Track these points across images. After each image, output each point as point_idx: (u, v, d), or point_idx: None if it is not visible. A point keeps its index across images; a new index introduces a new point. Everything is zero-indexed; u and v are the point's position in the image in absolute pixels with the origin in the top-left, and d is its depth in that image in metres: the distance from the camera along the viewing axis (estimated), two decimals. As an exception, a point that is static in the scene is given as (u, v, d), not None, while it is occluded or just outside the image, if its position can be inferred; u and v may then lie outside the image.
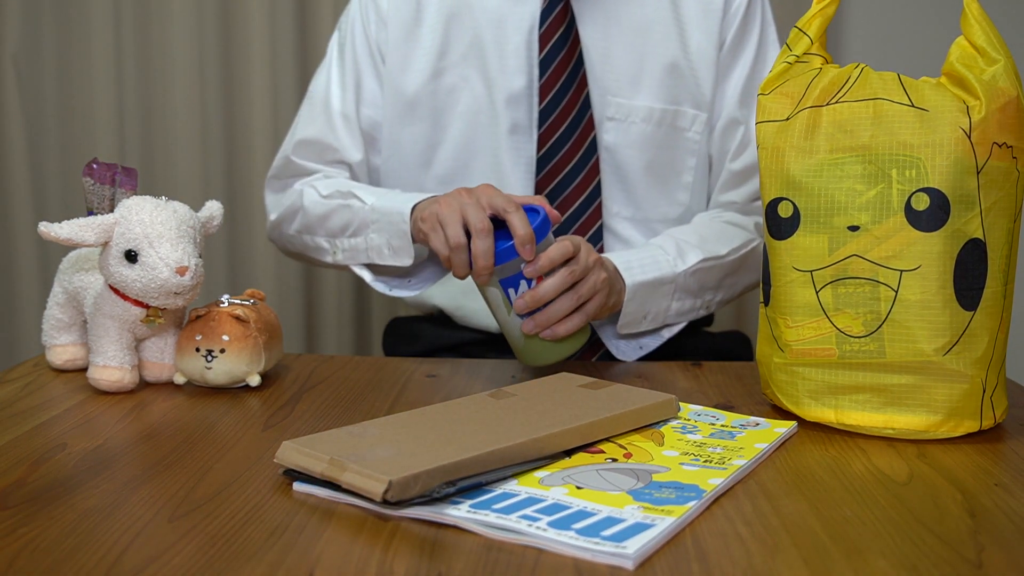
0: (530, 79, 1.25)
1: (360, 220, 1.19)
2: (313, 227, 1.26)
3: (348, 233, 1.21)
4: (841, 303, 0.86)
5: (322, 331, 2.03)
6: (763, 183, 0.91)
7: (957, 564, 0.61)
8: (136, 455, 0.80)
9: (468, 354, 1.33)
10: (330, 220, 1.23)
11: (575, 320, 1.03)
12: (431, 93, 1.28)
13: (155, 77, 1.93)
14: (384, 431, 0.78)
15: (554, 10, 1.24)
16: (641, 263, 1.15)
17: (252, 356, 0.98)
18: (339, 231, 1.23)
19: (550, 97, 1.24)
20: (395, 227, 1.14)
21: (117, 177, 0.98)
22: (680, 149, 1.30)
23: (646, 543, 0.62)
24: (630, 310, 1.15)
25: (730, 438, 0.84)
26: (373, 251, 1.18)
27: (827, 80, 0.88)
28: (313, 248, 1.28)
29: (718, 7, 1.28)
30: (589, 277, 1.04)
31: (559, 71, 1.23)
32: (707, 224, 1.27)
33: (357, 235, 1.20)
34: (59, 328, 1.05)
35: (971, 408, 0.84)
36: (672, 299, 1.18)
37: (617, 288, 1.12)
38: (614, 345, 1.20)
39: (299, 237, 1.30)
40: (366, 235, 1.18)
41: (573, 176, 1.25)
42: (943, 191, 0.81)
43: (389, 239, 1.15)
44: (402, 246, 1.14)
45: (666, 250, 1.18)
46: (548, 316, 1.02)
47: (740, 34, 1.29)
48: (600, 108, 1.26)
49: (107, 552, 0.62)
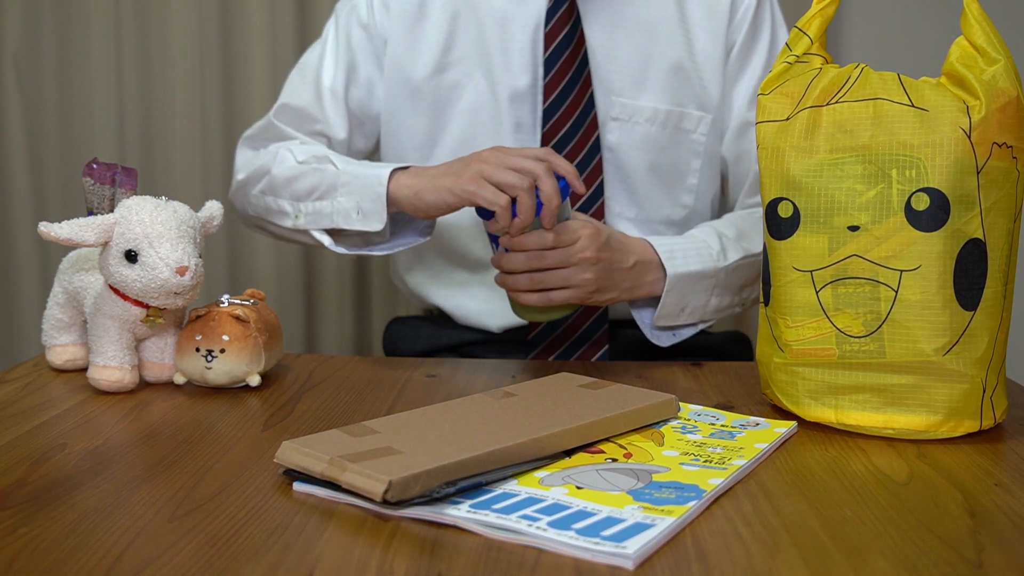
0: (534, 77, 1.25)
1: (329, 183, 1.17)
2: (278, 188, 1.23)
3: (314, 196, 1.19)
4: (841, 303, 0.86)
5: (322, 331, 2.02)
6: (763, 183, 0.91)
7: (957, 564, 0.61)
8: (136, 455, 0.80)
9: (468, 354, 1.33)
10: (298, 182, 1.20)
11: (534, 298, 1.07)
12: (433, 88, 1.28)
13: (155, 77, 1.93)
14: (384, 431, 0.78)
15: (559, 9, 1.24)
16: (685, 253, 1.15)
17: (252, 356, 0.98)
18: (305, 195, 1.20)
19: (554, 96, 1.23)
20: (369, 190, 1.12)
21: (117, 177, 0.98)
22: (684, 151, 1.29)
23: (646, 543, 0.62)
24: (669, 301, 1.14)
25: (730, 438, 0.84)
26: (339, 215, 1.16)
27: (827, 80, 0.88)
28: (275, 211, 1.24)
29: (724, 10, 1.28)
30: (564, 271, 1.05)
31: (564, 70, 1.23)
32: (744, 219, 1.27)
33: (324, 198, 1.18)
34: (59, 328, 1.05)
35: (971, 408, 0.84)
36: (711, 294, 1.18)
37: (648, 279, 1.12)
38: (649, 332, 1.20)
39: (262, 198, 1.26)
40: (333, 199, 1.16)
41: None
42: (943, 191, 0.81)
43: (359, 202, 1.13)
44: (373, 210, 1.12)
45: (710, 244, 1.18)
46: (505, 281, 1.08)
47: (750, 38, 1.29)
48: (604, 108, 1.26)
49: (107, 552, 0.62)
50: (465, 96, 1.27)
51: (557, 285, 1.06)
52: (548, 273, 1.06)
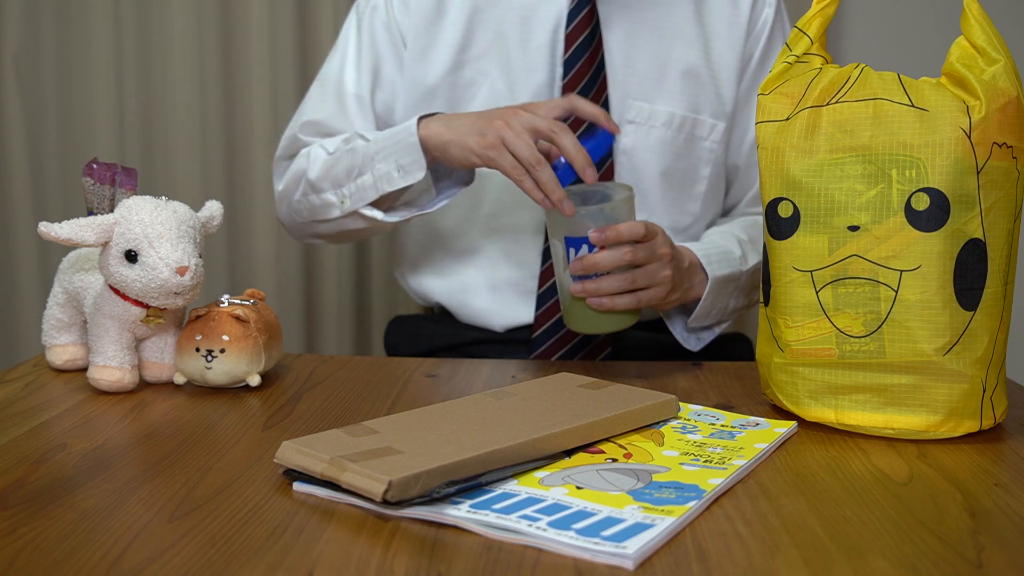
0: (552, 77, 1.26)
1: (363, 157, 1.18)
2: (318, 184, 1.24)
3: (354, 175, 1.20)
4: (841, 303, 0.86)
5: (322, 331, 2.02)
6: (763, 183, 0.91)
7: (957, 564, 0.61)
8: (136, 455, 0.80)
9: (469, 354, 1.33)
10: (335, 169, 1.21)
11: (625, 300, 1.03)
12: (450, 86, 1.28)
13: (155, 77, 1.93)
14: (384, 431, 0.78)
15: (582, 11, 1.24)
16: (718, 258, 1.16)
17: (252, 356, 0.98)
18: (345, 177, 1.21)
19: None
20: (402, 143, 1.13)
21: (117, 177, 0.98)
22: (696, 158, 1.30)
23: (646, 543, 0.62)
24: (707, 304, 1.15)
25: (730, 438, 0.84)
26: (382, 180, 1.16)
27: (827, 80, 0.88)
28: (320, 207, 1.25)
29: (743, 22, 1.29)
30: (652, 267, 1.04)
31: (582, 71, 1.24)
32: (752, 226, 1.29)
33: (363, 173, 1.18)
34: (59, 328, 1.05)
35: (971, 408, 0.84)
36: (732, 296, 1.20)
37: (695, 281, 1.13)
38: (682, 336, 1.20)
39: (305, 200, 1.27)
40: (372, 168, 1.17)
41: None
42: (943, 191, 0.81)
43: (398, 160, 1.14)
44: (413, 160, 1.13)
45: (732, 248, 1.20)
46: (596, 286, 1.02)
47: (766, 51, 1.31)
48: (619, 111, 1.26)
49: (107, 552, 0.62)
50: (480, 94, 1.27)
51: (646, 284, 1.03)
52: (639, 271, 1.03)
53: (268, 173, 1.94)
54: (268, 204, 1.95)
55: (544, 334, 1.26)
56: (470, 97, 1.27)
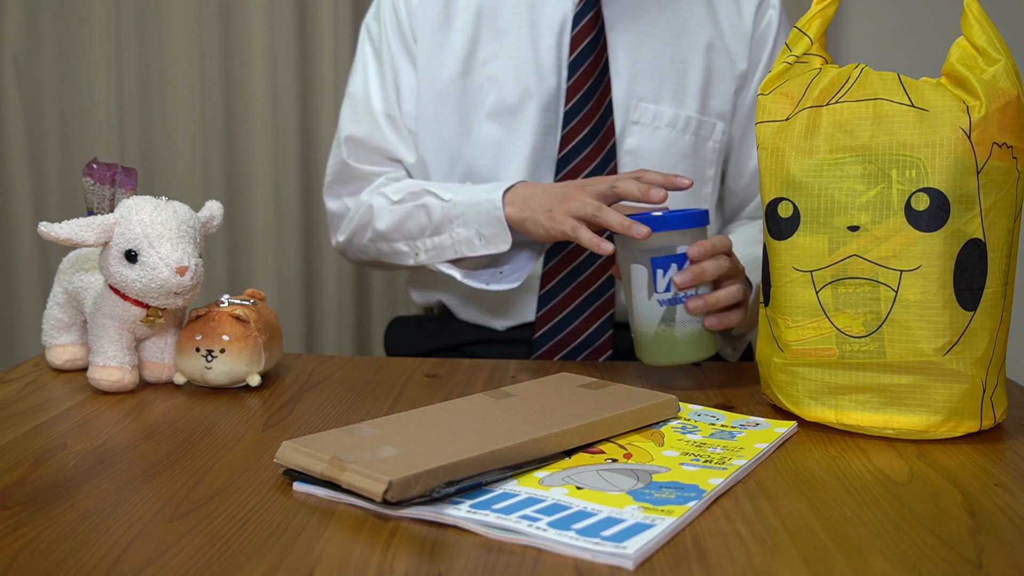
0: (558, 80, 1.26)
1: (440, 217, 1.18)
2: (388, 235, 1.25)
3: (428, 233, 1.20)
4: (841, 303, 0.86)
5: (322, 331, 2.03)
6: (763, 183, 0.91)
7: (957, 564, 0.61)
8: (136, 455, 0.80)
9: (469, 354, 1.33)
10: (406, 224, 1.23)
11: (733, 317, 1.01)
12: (460, 91, 1.28)
13: (155, 77, 1.93)
14: (384, 431, 0.78)
15: (587, 14, 1.24)
16: (748, 266, 1.15)
17: (252, 356, 0.98)
18: (418, 233, 1.22)
19: (576, 99, 1.24)
20: (486, 216, 1.13)
21: (117, 177, 0.98)
22: (700, 159, 1.31)
23: (646, 543, 0.62)
24: (752, 311, 1.14)
25: (730, 438, 0.84)
26: (462, 245, 1.17)
27: (827, 80, 0.88)
28: (390, 254, 1.27)
29: (748, 25, 1.30)
30: (735, 287, 1.02)
31: (587, 74, 1.24)
32: None
33: (440, 233, 1.19)
34: (59, 328, 1.05)
35: (971, 408, 0.84)
36: None
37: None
38: (723, 349, 1.21)
39: (373, 246, 1.29)
40: (451, 231, 1.18)
41: None
42: (943, 191, 0.81)
43: (479, 229, 1.14)
44: (496, 233, 1.13)
45: (758, 255, 1.19)
46: (716, 298, 1.00)
47: (772, 56, 1.32)
48: (624, 113, 1.26)
49: (107, 552, 0.62)
50: (489, 99, 1.27)
51: (734, 300, 1.02)
52: (728, 289, 1.01)
53: (268, 173, 1.94)
54: (268, 204, 1.95)
55: (545, 335, 1.26)
56: (480, 102, 1.28)
